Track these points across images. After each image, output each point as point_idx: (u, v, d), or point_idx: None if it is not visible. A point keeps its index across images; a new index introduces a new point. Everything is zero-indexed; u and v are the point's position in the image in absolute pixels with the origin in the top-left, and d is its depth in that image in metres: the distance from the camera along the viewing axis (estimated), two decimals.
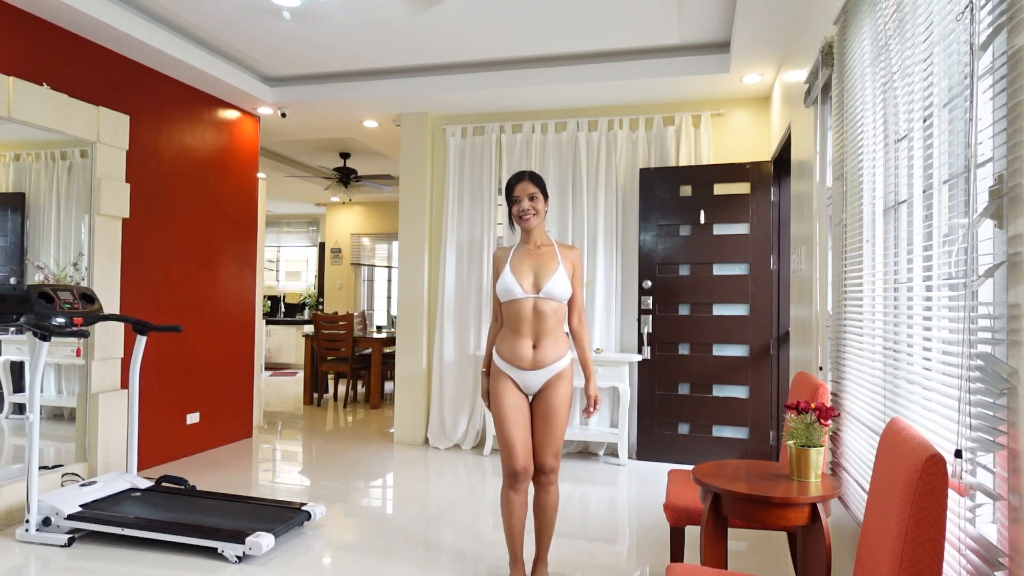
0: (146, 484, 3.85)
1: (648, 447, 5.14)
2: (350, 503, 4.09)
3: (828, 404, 2.54)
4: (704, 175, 5.09)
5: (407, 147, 5.80)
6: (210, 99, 5.33)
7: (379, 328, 8.89)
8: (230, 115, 5.55)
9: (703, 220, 5.09)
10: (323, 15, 4.23)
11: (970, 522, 1.48)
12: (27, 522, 3.33)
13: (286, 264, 12.26)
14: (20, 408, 3.90)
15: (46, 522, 3.32)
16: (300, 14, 4.23)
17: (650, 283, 5.17)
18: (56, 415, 4.12)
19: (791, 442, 2.24)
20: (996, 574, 1.33)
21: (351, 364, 7.49)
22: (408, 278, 5.77)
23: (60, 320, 3.46)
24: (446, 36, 4.56)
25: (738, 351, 5.01)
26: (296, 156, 8.32)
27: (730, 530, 3.64)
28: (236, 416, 5.64)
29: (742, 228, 5.01)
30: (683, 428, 5.10)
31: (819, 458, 2.20)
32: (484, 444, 5.47)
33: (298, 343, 11.02)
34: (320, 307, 11.56)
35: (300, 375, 10.16)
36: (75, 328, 3.50)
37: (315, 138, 6.98)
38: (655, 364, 5.14)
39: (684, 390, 5.12)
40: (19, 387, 3.92)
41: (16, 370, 3.94)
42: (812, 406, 2.24)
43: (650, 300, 5.16)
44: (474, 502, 4.11)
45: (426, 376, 5.72)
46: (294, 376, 10.15)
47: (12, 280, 3.80)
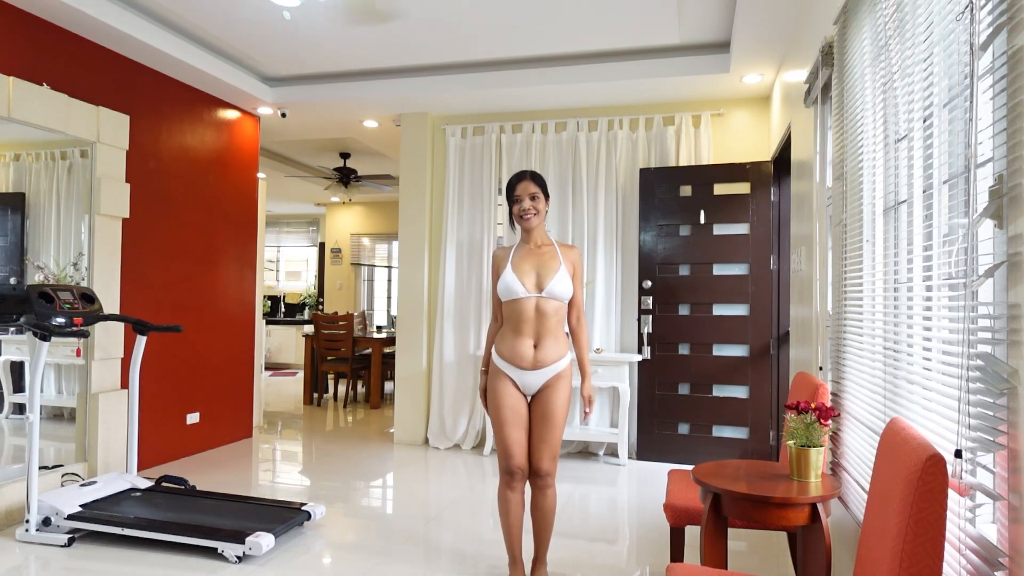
0: (146, 484, 3.85)
1: (648, 447, 5.14)
2: (350, 503, 4.09)
3: (828, 404, 2.54)
4: (704, 175, 5.09)
5: (407, 147, 5.80)
6: (210, 99, 5.33)
7: (379, 328, 8.89)
8: (230, 115, 5.55)
9: (703, 220, 5.09)
10: (323, 15, 4.23)
11: (970, 522, 1.48)
12: (27, 522, 3.33)
13: (286, 264, 12.25)
14: (20, 408, 3.90)
15: (46, 522, 3.32)
16: (300, 14, 4.23)
17: (650, 283, 5.17)
18: (56, 415, 4.12)
19: (791, 442, 2.24)
20: (996, 574, 1.34)
21: (351, 364, 7.49)
22: (408, 278, 5.77)
23: (60, 320, 3.46)
24: (446, 36, 4.56)
25: (738, 351, 5.01)
26: (296, 156, 8.32)
27: (730, 530, 3.64)
28: (236, 416, 5.65)
29: (742, 228, 5.01)
30: (683, 428, 5.10)
31: (819, 458, 2.20)
32: (484, 444, 5.47)
33: (298, 343, 11.02)
34: (320, 307, 11.55)
35: (300, 375, 10.16)
36: (75, 328, 3.50)
37: (315, 138, 6.98)
38: (655, 364, 5.14)
39: (684, 390, 5.12)
40: (19, 387, 3.92)
41: (16, 370, 3.94)
42: (812, 406, 2.24)
43: (650, 300, 5.16)
44: (474, 502, 4.11)
45: (426, 376, 5.72)
46: (294, 376, 10.14)
47: (12, 280, 3.80)
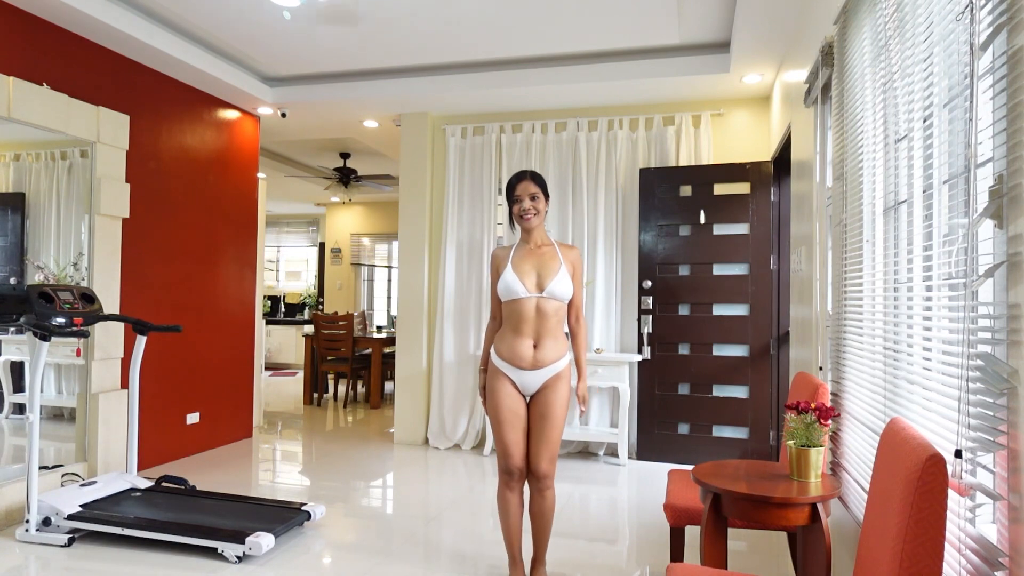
0: (146, 484, 3.85)
1: (648, 447, 5.14)
2: (350, 503, 4.09)
3: (828, 404, 2.54)
4: (704, 175, 5.09)
5: (407, 147, 5.80)
6: (210, 99, 5.33)
7: (379, 328, 8.89)
8: (230, 115, 5.55)
9: (703, 220, 5.09)
10: (324, 15, 4.23)
11: (970, 522, 1.48)
12: (27, 522, 3.33)
13: (286, 264, 12.25)
14: (20, 408, 3.90)
15: (46, 522, 3.32)
16: (300, 14, 4.23)
17: (650, 283, 5.17)
18: (56, 415, 4.12)
19: (791, 442, 2.24)
20: (996, 574, 1.34)
21: (351, 364, 7.49)
22: (408, 278, 5.77)
23: (60, 320, 3.46)
24: (446, 36, 4.56)
25: (738, 351, 5.01)
26: (296, 156, 8.32)
27: (730, 530, 3.63)
28: (236, 416, 5.65)
29: (742, 228, 5.01)
30: (683, 428, 5.10)
31: (819, 458, 2.20)
32: (484, 444, 5.47)
33: (298, 343, 11.02)
34: (320, 307, 11.55)
35: (300, 375, 10.16)
36: (75, 328, 3.50)
37: (315, 138, 6.98)
38: (655, 364, 5.14)
39: (684, 390, 5.12)
40: (19, 387, 3.92)
41: (16, 370, 3.94)
42: (812, 406, 2.24)
43: (650, 300, 5.16)
44: (474, 502, 4.11)
45: (426, 376, 5.72)
46: (294, 376, 10.14)
47: (12, 280, 3.80)
